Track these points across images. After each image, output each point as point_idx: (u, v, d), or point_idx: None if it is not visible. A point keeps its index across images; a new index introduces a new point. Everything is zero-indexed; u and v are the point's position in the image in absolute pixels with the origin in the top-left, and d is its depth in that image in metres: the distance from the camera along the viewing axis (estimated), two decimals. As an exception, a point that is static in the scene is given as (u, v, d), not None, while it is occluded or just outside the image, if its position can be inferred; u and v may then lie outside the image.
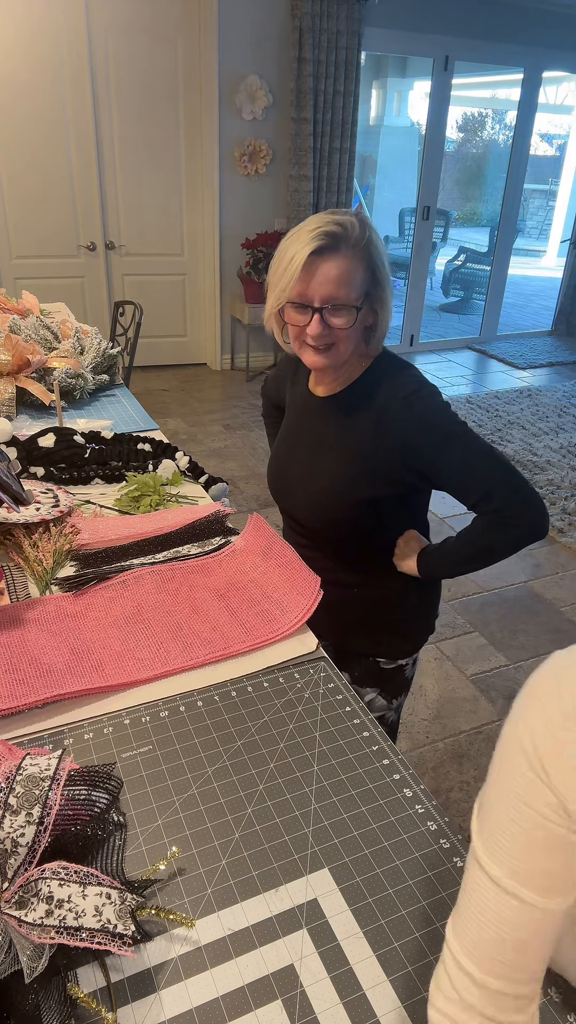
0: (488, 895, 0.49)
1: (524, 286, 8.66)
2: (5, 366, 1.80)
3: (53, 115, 4.03)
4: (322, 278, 1.00)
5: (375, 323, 1.08)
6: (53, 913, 0.57)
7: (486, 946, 0.49)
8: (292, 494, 1.23)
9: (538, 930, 0.48)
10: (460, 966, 0.50)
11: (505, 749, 0.51)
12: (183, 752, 0.81)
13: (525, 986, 0.49)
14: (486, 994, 0.49)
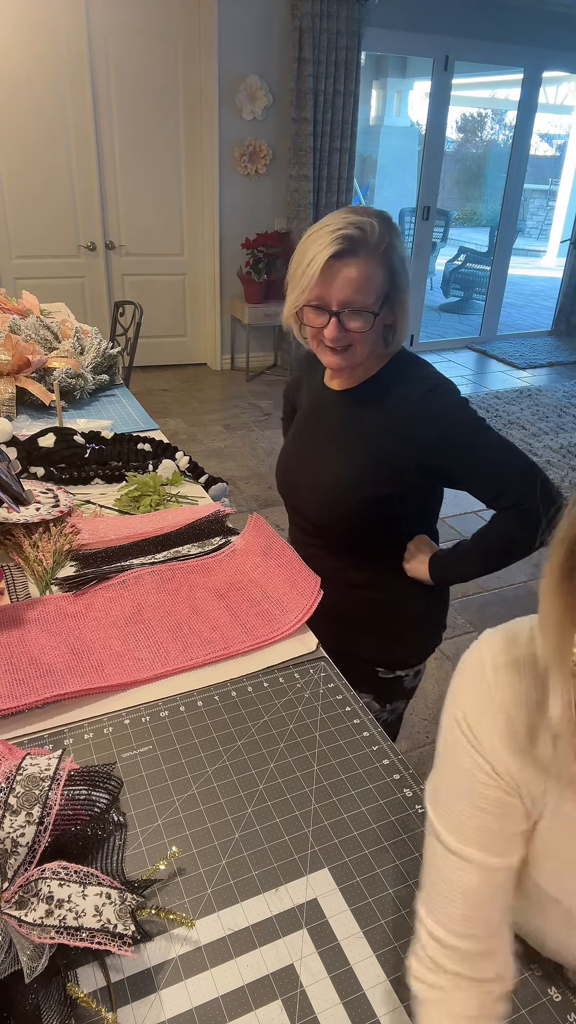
0: (443, 861, 0.54)
1: (524, 286, 8.66)
2: (5, 366, 1.80)
3: (53, 115, 4.03)
4: (340, 282, 0.99)
5: (394, 323, 1.07)
6: (53, 913, 0.57)
7: (447, 909, 0.54)
8: (300, 489, 1.22)
9: (490, 888, 0.53)
10: (429, 932, 0.55)
11: (444, 725, 0.56)
12: (183, 752, 0.81)
13: (486, 942, 0.53)
14: (454, 954, 0.53)
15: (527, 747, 0.52)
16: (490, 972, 0.53)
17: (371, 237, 0.98)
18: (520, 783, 0.53)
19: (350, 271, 0.99)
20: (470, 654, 0.56)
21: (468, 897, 0.53)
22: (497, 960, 0.54)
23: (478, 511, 3.29)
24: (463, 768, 0.54)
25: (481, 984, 0.53)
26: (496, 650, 0.54)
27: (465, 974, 0.53)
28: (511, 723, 0.52)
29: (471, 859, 0.53)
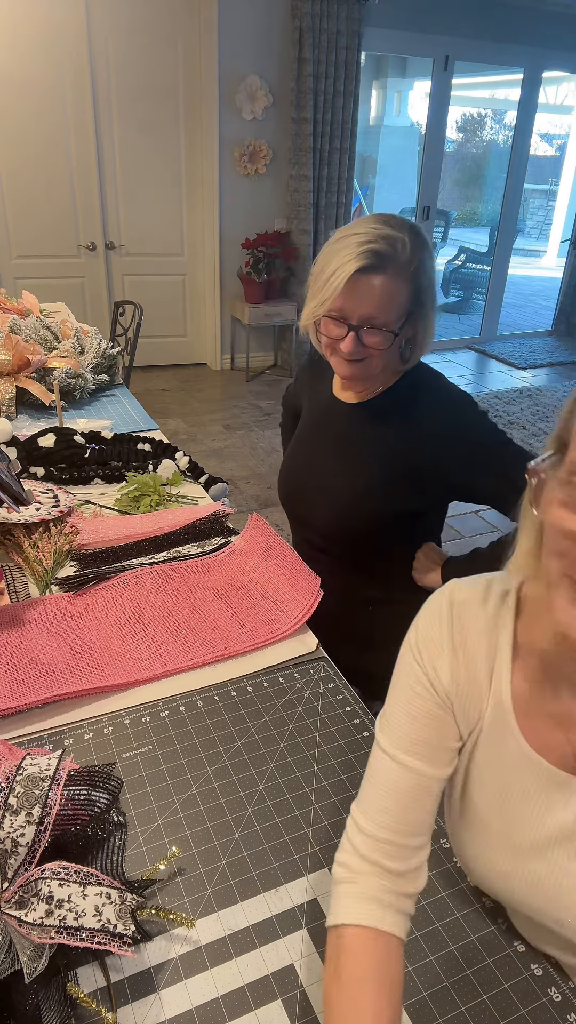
0: (381, 764, 0.60)
1: (524, 286, 8.66)
2: (5, 366, 1.80)
3: (53, 115, 4.03)
4: (363, 298, 0.96)
5: (415, 338, 1.05)
6: (53, 913, 0.57)
7: (376, 803, 0.60)
8: (309, 502, 1.19)
9: (417, 792, 0.59)
10: (356, 823, 0.60)
11: (402, 648, 0.63)
12: (183, 752, 0.81)
13: (407, 838, 0.59)
14: (374, 843, 0.59)
15: (467, 672, 0.59)
16: (404, 867, 0.58)
17: (401, 255, 0.95)
18: (455, 702, 0.60)
19: (375, 287, 0.95)
20: (434, 594, 0.64)
21: (396, 796, 0.59)
22: (413, 861, 0.59)
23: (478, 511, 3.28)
24: (407, 684, 0.61)
25: (394, 877, 0.58)
26: (456, 589, 0.62)
27: (382, 863, 0.58)
28: (455, 649, 0.60)
29: (403, 763, 0.60)
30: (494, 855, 0.60)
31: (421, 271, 0.99)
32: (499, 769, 0.59)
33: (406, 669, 0.62)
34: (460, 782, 0.63)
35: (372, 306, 0.97)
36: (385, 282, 0.96)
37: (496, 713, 0.58)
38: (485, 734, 0.59)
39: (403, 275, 0.97)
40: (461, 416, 1.05)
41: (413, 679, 0.61)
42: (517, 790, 0.58)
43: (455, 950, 0.63)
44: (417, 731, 0.60)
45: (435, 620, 0.61)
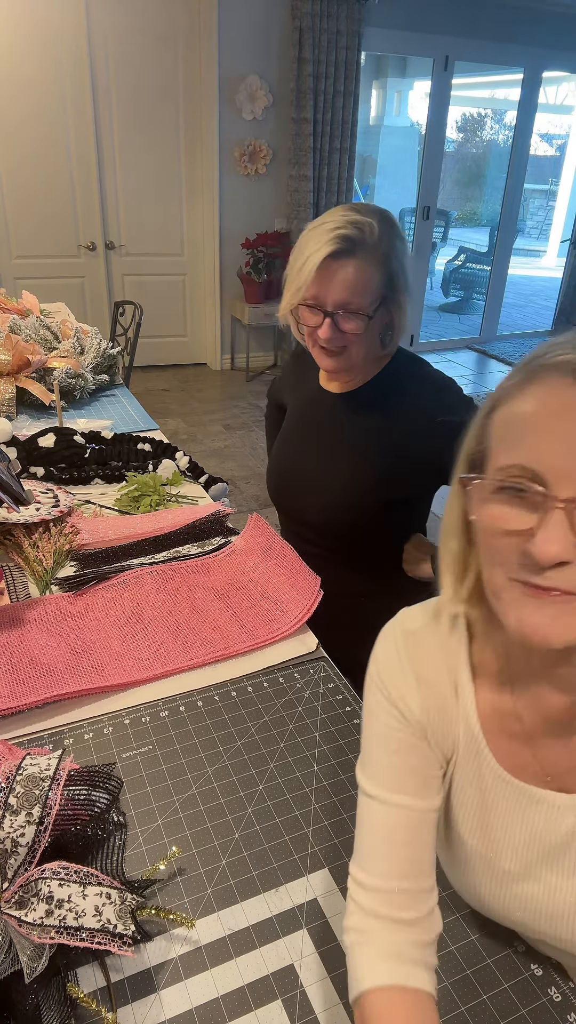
0: (371, 810, 0.58)
1: (524, 286, 8.66)
2: (5, 366, 1.80)
3: (53, 115, 4.03)
4: (336, 283, 0.98)
5: (392, 324, 1.06)
6: (53, 913, 0.57)
7: (375, 853, 0.57)
8: (298, 493, 1.20)
9: (409, 829, 0.57)
10: (357, 882, 0.57)
11: (366, 686, 0.62)
12: (183, 752, 0.81)
13: (415, 882, 0.56)
14: (381, 896, 0.55)
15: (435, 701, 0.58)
16: (417, 914, 0.55)
17: (370, 238, 0.97)
18: (428, 731, 0.58)
19: (346, 272, 0.97)
20: (389, 625, 0.63)
21: (394, 839, 0.56)
22: (425, 905, 0.55)
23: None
24: (380, 721, 0.60)
25: (410, 927, 0.54)
26: (408, 618, 0.62)
27: (394, 915, 0.54)
28: (419, 680, 0.59)
29: (394, 802, 0.57)
30: (484, 880, 0.59)
31: (392, 255, 1.00)
32: (477, 794, 0.58)
33: (376, 707, 0.60)
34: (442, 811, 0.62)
35: (345, 291, 0.98)
36: (356, 266, 0.97)
37: (467, 739, 0.58)
38: (460, 761, 0.59)
39: (374, 259, 0.98)
40: (444, 400, 1.06)
41: (385, 715, 0.59)
42: (497, 813, 0.57)
43: (455, 950, 0.63)
44: (400, 766, 0.58)
45: (392, 652, 0.60)
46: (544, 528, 0.44)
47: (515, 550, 0.46)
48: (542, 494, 0.44)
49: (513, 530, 0.46)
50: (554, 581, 0.44)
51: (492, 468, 0.49)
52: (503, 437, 0.48)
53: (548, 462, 0.44)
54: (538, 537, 0.44)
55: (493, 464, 0.49)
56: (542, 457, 0.45)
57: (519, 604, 0.47)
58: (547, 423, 0.45)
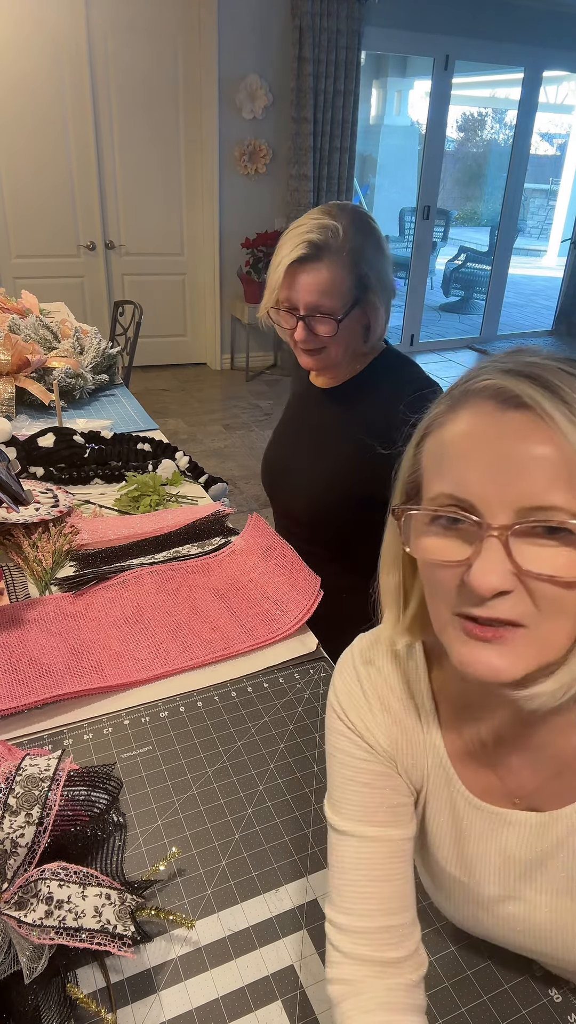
0: (344, 848, 0.56)
1: (525, 286, 8.65)
2: (5, 366, 1.80)
3: (53, 114, 4.02)
4: (304, 287, 1.01)
5: (370, 323, 1.07)
6: (53, 914, 0.57)
7: (352, 893, 0.54)
8: (284, 487, 1.22)
9: (383, 862, 0.55)
10: (336, 928, 0.54)
11: (327, 721, 0.60)
12: (183, 752, 0.81)
13: (396, 917, 0.54)
14: (362, 938, 0.53)
15: (400, 730, 0.57)
16: (398, 952, 0.53)
17: (334, 241, 0.98)
18: (398, 761, 0.57)
19: (313, 276, 0.99)
20: (345, 654, 0.62)
21: (371, 874, 0.54)
22: (409, 941, 0.53)
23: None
24: (344, 751, 0.58)
25: (396, 968, 0.52)
26: (363, 647, 0.60)
27: (378, 956, 0.52)
28: (383, 709, 0.57)
29: (367, 835, 0.55)
30: (466, 905, 0.59)
31: (361, 258, 1.00)
32: (451, 821, 0.57)
33: (340, 740, 0.58)
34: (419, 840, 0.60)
35: (314, 294, 1.01)
36: (323, 270, 0.99)
37: (435, 766, 0.56)
38: (431, 789, 0.57)
39: (340, 262, 0.99)
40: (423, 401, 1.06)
41: (351, 746, 0.57)
42: (472, 839, 0.56)
43: (455, 951, 0.63)
44: (371, 798, 0.56)
45: (352, 682, 0.59)
46: (480, 558, 0.42)
47: (454, 582, 0.45)
48: (476, 523, 0.43)
49: (450, 561, 0.44)
50: (497, 611, 0.43)
51: (425, 498, 0.47)
52: (433, 466, 0.47)
53: (478, 490, 0.43)
54: (475, 568, 0.42)
55: (426, 494, 0.48)
56: (472, 485, 0.43)
57: (463, 643, 0.45)
58: (475, 449, 0.44)
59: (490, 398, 0.44)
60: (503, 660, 0.44)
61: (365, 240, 1.01)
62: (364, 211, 1.05)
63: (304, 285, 1.01)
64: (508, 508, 0.42)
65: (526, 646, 0.44)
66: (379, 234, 1.04)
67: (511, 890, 0.56)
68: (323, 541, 1.20)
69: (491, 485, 0.43)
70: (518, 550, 0.42)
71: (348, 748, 0.57)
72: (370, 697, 0.58)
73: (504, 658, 0.44)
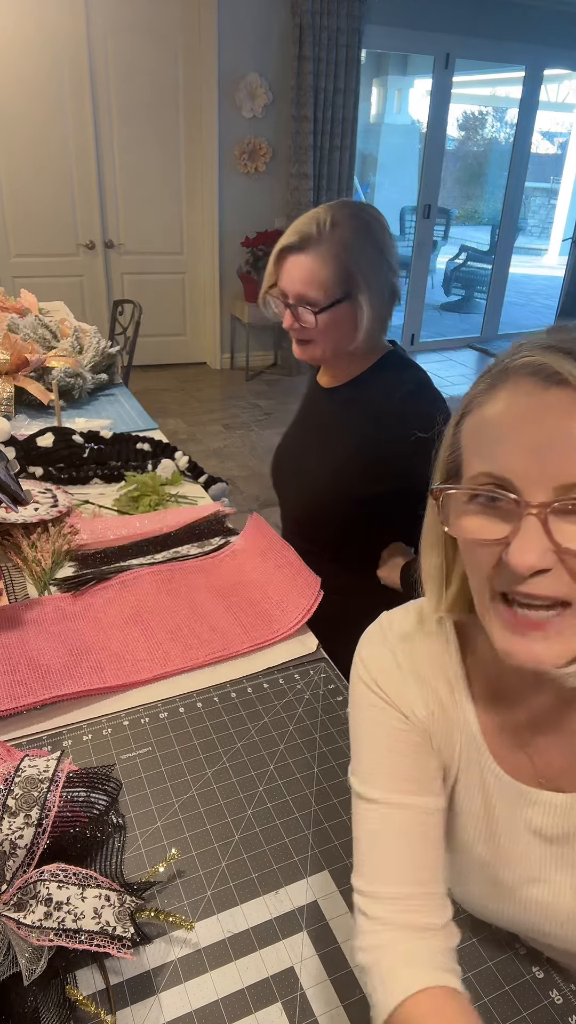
0: (374, 816, 0.55)
1: (525, 285, 8.64)
2: (4, 365, 1.80)
3: (52, 113, 4.02)
4: (289, 276, 1.03)
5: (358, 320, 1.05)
6: (52, 915, 0.56)
7: (385, 861, 0.53)
8: (289, 484, 1.23)
9: (425, 828, 0.54)
10: (367, 896, 0.53)
11: (354, 694, 0.60)
12: (182, 754, 0.81)
13: (432, 885, 0.53)
14: (395, 904, 0.51)
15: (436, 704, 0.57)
16: (440, 920, 0.52)
17: (320, 233, 0.99)
18: (432, 735, 0.57)
19: (297, 265, 1.02)
20: (371, 628, 0.62)
21: (405, 841, 0.54)
22: (441, 909, 0.52)
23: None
24: (376, 722, 0.57)
25: (435, 934, 0.51)
26: (392, 621, 0.60)
27: (417, 922, 0.51)
28: (418, 681, 0.57)
29: (399, 803, 0.54)
30: (488, 887, 0.58)
31: (346, 249, 1.00)
32: (481, 799, 0.57)
33: (371, 711, 0.58)
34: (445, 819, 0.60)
35: (298, 283, 1.03)
36: (306, 260, 1.01)
37: (468, 742, 0.57)
38: (463, 766, 0.57)
39: (323, 254, 1.00)
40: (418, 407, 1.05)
41: (384, 716, 0.57)
42: (500, 817, 0.56)
43: (455, 951, 0.62)
44: (404, 767, 0.55)
45: (384, 653, 0.58)
46: (519, 537, 0.42)
47: (493, 560, 0.45)
48: (514, 501, 0.43)
49: (489, 540, 0.45)
50: (536, 588, 0.43)
51: (465, 477, 0.47)
52: (472, 445, 0.47)
53: (518, 468, 0.43)
54: (513, 546, 0.42)
55: (465, 473, 0.48)
56: (511, 463, 0.43)
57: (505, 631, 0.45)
58: (515, 427, 0.43)
59: (530, 375, 0.44)
60: (547, 648, 0.44)
61: (356, 236, 1.00)
62: (371, 212, 1.04)
63: (289, 273, 1.03)
64: (547, 486, 0.42)
65: (570, 628, 0.44)
66: (378, 235, 1.03)
67: (536, 872, 0.56)
68: (323, 540, 1.20)
69: (530, 463, 0.42)
70: (557, 528, 0.42)
71: (381, 719, 0.57)
72: (405, 671, 0.57)
73: (548, 646, 0.44)
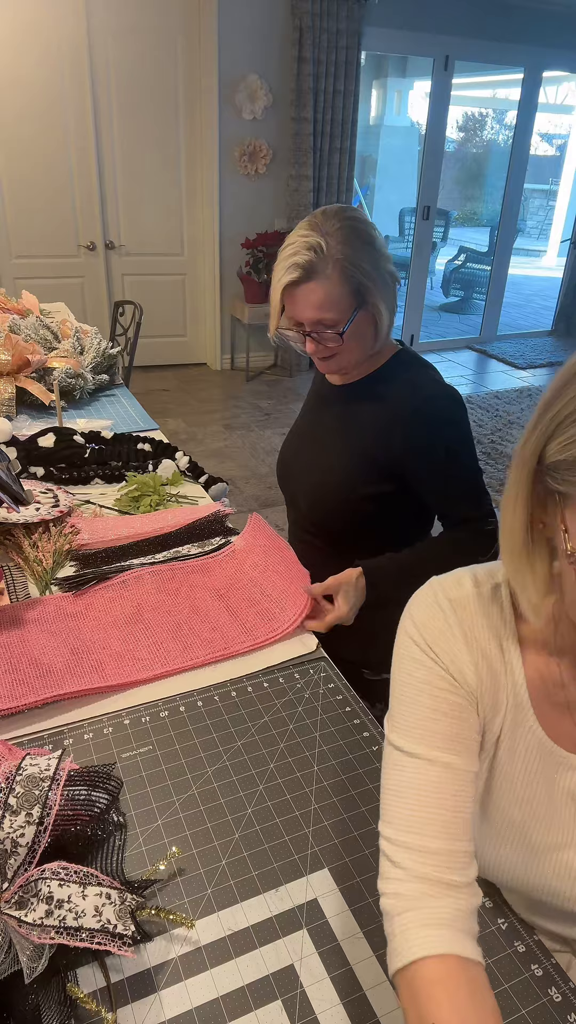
0: (409, 768, 0.56)
1: (524, 286, 8.65)
2: (5, 366, 1.80)
3: (53, 115, 4.03)
4: (302, 307, 1.03)
5: (376, 323, 1.07)
6: (53, 913, 0.57)
7: (416, 813, 0.54)
8: (296, 480, 1.24)
9: (450, 787, 0.55)
10: (395, 844, 0.54)
11: (400, 651, 0.61)
12: (183, 752, 0.81)
13: (460, 842, 0.53)
14: (427, 857, 0.52)
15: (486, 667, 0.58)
16: (464, 878, 0.52)
17: (321, 259, 0.99)
18: (480, 698, 0.58)
19: (308, 296, 1.01)
20: (422, 590, 0.63)
21: (437, 797, 0.54)
22: (468, 867, 0.53)
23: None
24: (423, 680, 0.58)
25: (458, 892, 0.52)
26: (445, 586, 0.61)
27: (442, 878, 0.52)
28: (468, 644, 0.59)
29: (435, 759, 0.55)
30: (521, 852, 0.60)
31: (352, 264, 1.01)
32: (522, 763, 0.59)
33: (418, 669, 0.59)
34: (483, 782, 0.61)
35: (313, 311, 1.03)
36: (315, 288, 1.01)
37: (515, 706, 0.58)
38: (507, 729, 0.59)
39: (331, 276, 1.00)
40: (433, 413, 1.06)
41: (431, 675, 0.58)
42: (540, 782, 0.58)
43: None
44: (446, 725, 0.57)
45: (436, 614, 0.59)
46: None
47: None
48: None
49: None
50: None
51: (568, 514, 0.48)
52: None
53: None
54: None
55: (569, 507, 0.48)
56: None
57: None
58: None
59: None
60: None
61: (353, 245, 1.01)
62: (351, 212, 1.04)
63: (302, 305, 1.03)
64: None
65: None
66: (368, 232, 1.03)
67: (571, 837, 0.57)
68: (327, 536, 1.21)
69: None
70: None
71: (428, 677, 0.58)
72: (457, 633, 0.58)
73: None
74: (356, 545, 1.19)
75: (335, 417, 1.18)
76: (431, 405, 1.06)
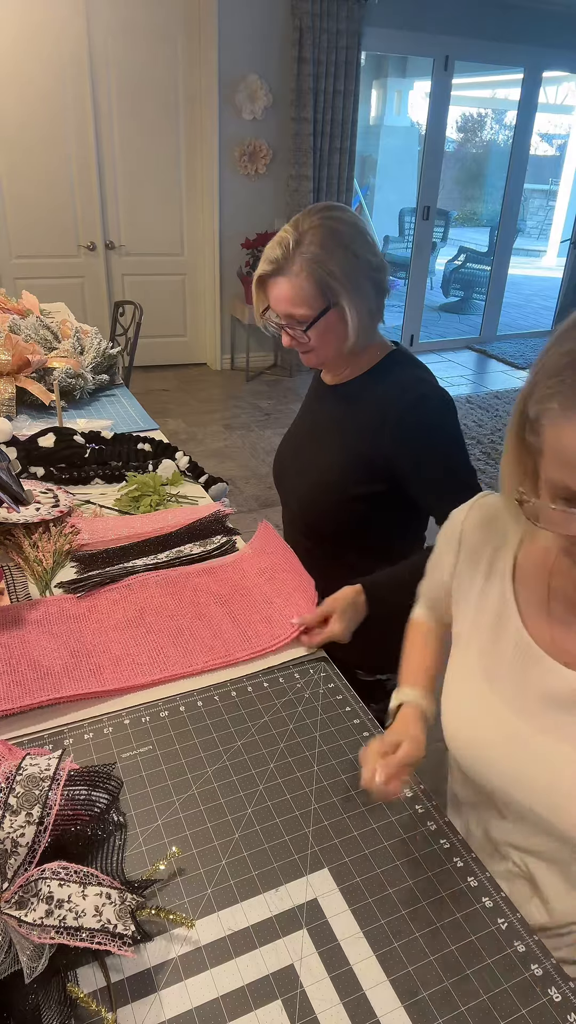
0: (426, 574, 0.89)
1: (524, 286, 8.65)
2: (5, 366, 1.80)
3: (53, 115, 4.03)
4: (274, 300, 1.07)
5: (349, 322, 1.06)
6: (53, 913, 0.57)
7: None
8: (290, 480, 1.24)
9: None
10: None
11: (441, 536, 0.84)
12: (183, 752, 0.81)
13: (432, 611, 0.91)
14: None
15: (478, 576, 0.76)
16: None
17: (287, 256, 1.02)
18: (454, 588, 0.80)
19: (277, 289, 1.06)
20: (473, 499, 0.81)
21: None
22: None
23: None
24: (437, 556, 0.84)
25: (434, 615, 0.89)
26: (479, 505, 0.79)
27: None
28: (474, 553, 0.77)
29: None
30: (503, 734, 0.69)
31: (318, 265, 1.01)
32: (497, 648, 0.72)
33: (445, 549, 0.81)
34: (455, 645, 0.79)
35: (284, 304, 1.06)
36: (283, 283, 1.05)
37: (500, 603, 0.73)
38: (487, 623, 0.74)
39: (296, 274, 1.03)
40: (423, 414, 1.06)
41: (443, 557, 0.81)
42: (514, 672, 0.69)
43: (455, 950, 0.63)
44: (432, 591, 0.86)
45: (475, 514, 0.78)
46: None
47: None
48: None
49: None
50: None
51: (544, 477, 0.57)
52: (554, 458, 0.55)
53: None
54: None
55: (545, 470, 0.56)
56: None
57: None
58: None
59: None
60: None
61: (324, 246, 1.00)
62: (334, 212, 1.03)
63: (274, 299, 1.07)
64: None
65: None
66: (346, 236, 1.02)
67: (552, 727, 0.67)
68: (320, 537, 1.21)
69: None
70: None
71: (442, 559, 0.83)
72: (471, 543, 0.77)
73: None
74: (349, 545, 1.19)
75: (328, 415, 1.18)
76: (421, 405, 1.06)
